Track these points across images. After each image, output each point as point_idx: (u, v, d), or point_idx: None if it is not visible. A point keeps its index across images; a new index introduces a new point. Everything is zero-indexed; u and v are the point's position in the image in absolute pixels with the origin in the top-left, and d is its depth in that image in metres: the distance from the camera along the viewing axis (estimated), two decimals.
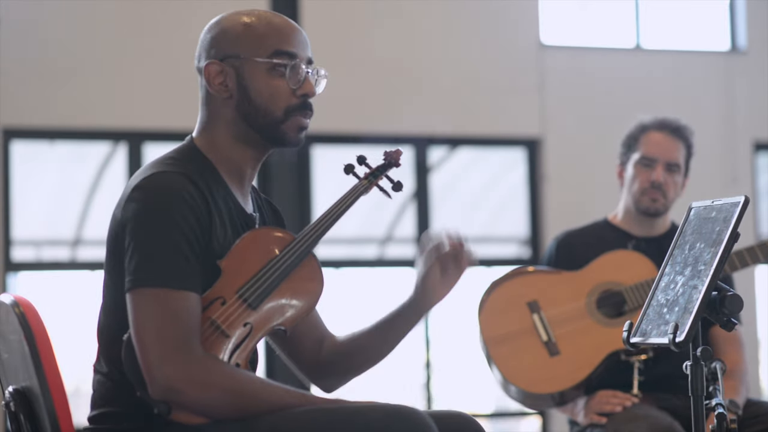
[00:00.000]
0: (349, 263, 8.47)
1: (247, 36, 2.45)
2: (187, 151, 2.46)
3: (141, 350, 2.25)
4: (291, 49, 2.45)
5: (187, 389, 2.24)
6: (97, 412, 2.40)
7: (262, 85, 2.44)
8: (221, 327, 2.31)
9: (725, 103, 8.93)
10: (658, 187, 3.78)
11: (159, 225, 2.30)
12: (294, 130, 2.47)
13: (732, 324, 2.16)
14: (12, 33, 7.59)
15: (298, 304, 2.41)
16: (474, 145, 8.78)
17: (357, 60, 8.18)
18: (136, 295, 2.28)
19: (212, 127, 2.47)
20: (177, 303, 2.26)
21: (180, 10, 7.89)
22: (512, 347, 3.76)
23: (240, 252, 2.38)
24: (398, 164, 2.54)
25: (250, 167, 2.49)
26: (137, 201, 2.32)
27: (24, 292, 6.64)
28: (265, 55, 2.44)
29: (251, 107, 2.44)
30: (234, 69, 2.44)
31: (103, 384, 2.39)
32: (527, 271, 3.98)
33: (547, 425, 8.43)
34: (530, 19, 8.66)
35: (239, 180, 2.48)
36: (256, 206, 2.55)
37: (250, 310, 2.34)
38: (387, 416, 2.25)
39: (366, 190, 2.51)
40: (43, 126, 7.77)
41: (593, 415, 3.66)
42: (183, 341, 2.25)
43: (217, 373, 2.26)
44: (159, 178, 2.34)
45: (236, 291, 2.34)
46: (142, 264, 2.28)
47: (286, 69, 2.43)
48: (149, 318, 2.26)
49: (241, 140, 2.46)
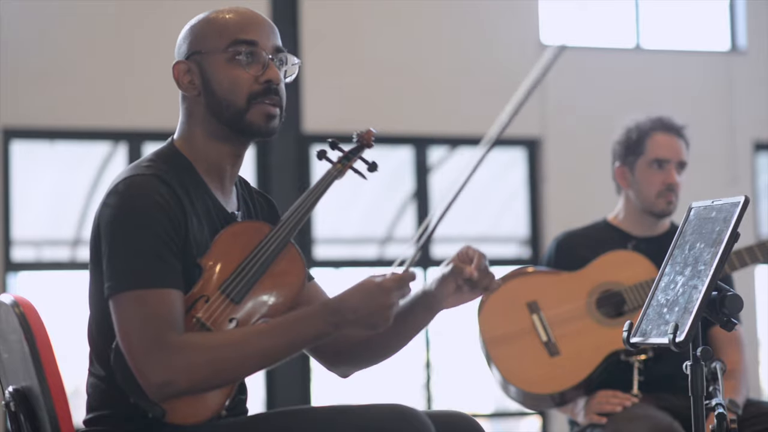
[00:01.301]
0: (349, 263, 8.47)
1: (207, 31, 2.45)
2: (166, 152, 2.45)
3: (128, 355, 2.26)
4: (249, 37, 2.42)
5: (176, 378, 2.23)
6: (92, 415, 2.40)
7: (222, 76, 2.41)
8: (206, 325, 2.31)
9: (725, 103, 8.93)
10: (673, 189, 3.80)
11: (131, 228, 2.30)
12: (260, 118, 2.42)
13: (732, 324, 2.16)
14: (12, 33, 7.59)
15: (281, 295, 2.40)
16: (474, 145, 8.77)
17: (357, 60, 8.17)
18: (116, 301, 2.28)
19: (188, 126, 2.47)
20: (154, 301, 2.26)
21: (180, 10, 7.88)
22: (512, 348, 3.76)
23: (219, 248, 2.37)
24: (370, 145, 2.50)
25: (229, 164, 2.47)
26: (110, 206, 2.33)
27: (24, 292, 6.64)
28: (224, 45, 2.42)
29: (216, 100, 2.42)
30: (197, 65, 2.44)
31: (97, 387, 2.39)
32: (527, 271, 3.98)
33: (547, 425, 8.43)
34: (530, 19, 8.66)
35: (219, 178, 2.46)
36: (243, 202, 2.53)
37: (234, 305, 2.34)
38: (386, 416, 2.25)
39: (340, 174, 2.48)
40: (43, 126, 7.77)
41: (593, 415, 3.66)
42: (159, 335, 2.24)
43: (196, 351, 2.25)
44: (131, 182, 2.34)
45: (218, 287, 2.34)
46: (118, 269, 2.28)
47: (244, 56, 2.41)
48: (130, 321, 2.26)
49: (215, 137, 2.44)
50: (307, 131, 7.94)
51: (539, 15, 8.69)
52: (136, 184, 2.33)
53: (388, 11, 8.34)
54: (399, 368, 8.38)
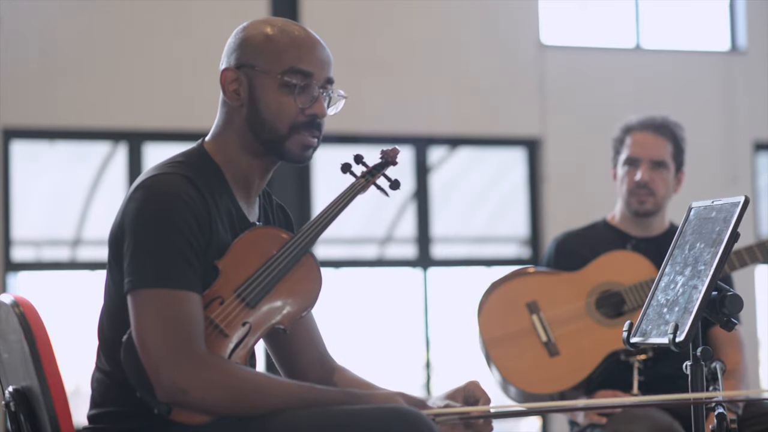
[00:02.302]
0: (349, 263, 8.47)
1: (265, 48, 2.44)
2: (196, 154, 2.46)
3: (144, 352, 2.25)
4: (307, 68, 2.43)
5: (193, 389, 2.24)
6: (96, 411, 2.40)
7: (271, 100, 2.43)
8: (220, 326, 2.32)
9: (725, 103, 8.93)
10: (644, 187, 3.80)
11: (158, 226, 2.30)
12: (297, 148, 2.45)
13: (732, 324, 2.16)
14: (12, 33, 7.59)
15: (296, 303, 2.41)
16: (474, 145, 8.77)
17: (357, 60, 8.17)
18: (137, 296, 2.28)
19: (224, 132, 2.48)
20: (178, 303, 2.26)
21: (180, 10, 7.89)
22: (512, 348, 3.76)
23: (238, 252, 2.38)
24: (395, 162, 2.55)
25: (257, 177, 2.48)
26: (136, 201, 2.33)
27: (24, 292, 6.64)
28: (280, 70, 2.42)
29: (258, 119, 2.43)
30: (248, 78, 2.44)
31: (102, 382, 2.39)
32: (526, 272, 3.98)
33: (547, 425, 8.43)
34: (530, 19, 8.65)
35: (245, 187, 2.48)
36: (264, 213, 2.55)
37: (249, 309, 2.35)
38: (387, 417, 2.25)
39: (363, 189, 2.52)
40: (43, 126, 7.77)
41: (593, 415, 3.66)
42: (186, 342, 2.25)
43: (223, 372, 2.26)
44: (159, 179, 2.35)
45: (234, 290, 2.35)
46: (141, 265, 2.28)
47: (297, 88, 2.42)
48: (151, 319, 2.26)
49: (249, 150, 2.46)
50: None
51: (539, 15, 8.68)
52: (165, 181, 2.34)
53: (388, 11, 8.34)
54: (399, 368, 8.38)
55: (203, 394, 2.24)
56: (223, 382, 2.26)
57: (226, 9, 7.82)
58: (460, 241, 8.71)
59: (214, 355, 2.28)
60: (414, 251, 8.46)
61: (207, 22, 7.80)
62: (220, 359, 2.28)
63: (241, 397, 2.27)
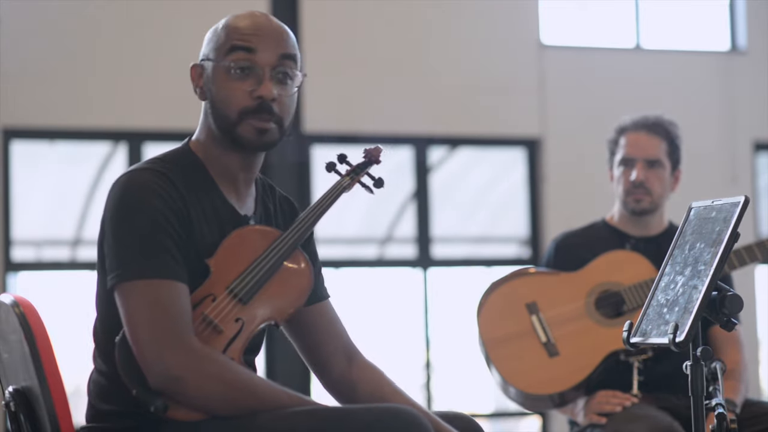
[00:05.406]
0: (349, 263, 8.47)
1: (214, 36, 2.45)
2: (179, 152, 2.46)
3: (135, 343, 2.26)
4: (247, 44, 2.40)
5: (186, 377, 2.24)
6: (94, 411, 2.40)
7: (221, 87, 2.42)
8: (214, 322, 2.32)
9: (725, 103, 8.93)
10: (640, 186, 3.80)
11: (134, 219, 2.31)
12: (249, 133, 2.40)
13: (732, 324, 2.16)
14: (12, 33, 7.59)
15: (287, 299, 2.43)
16: (474, 145, 8.78)
17: (357, 60, 8.17)
18: (122, 291, 2.28)
19: (202, 128, 2.48)
20: (164, 292, 2.27)
21: (180, 10, 7.89)
22: (511, 349, 3.75)
23: (228, 250, 2.39)
24: (378, 161, 2.56)
25: (239, 169, 2.47)
26: (112, 199, 2.35)
27: (24, 292, 6.64)
28: (224, 54, 2.41)
29: (215, 110, 2.43)
30: (205, 72, 2.45)
31: (99, 383, 2.40)
32: (526, 272, 3.98)
33: (547, 425, 8.43)
34: (530, 19, 8.66)
35: (231, 181, 2.47)
36: (262, 205, 2.54)
37: (242, 306, 2.36)
38: (383, 416, 2.25)
39: (348, 187, 2.53)
40: (43, 126, 7.77)
41: (593, 415, 3.66)
42: (177, 330, 2.25)
43: (217, 364, 2.27)
44: (132, 175, 2.36)
45: (226, 287, 2.35)
46: (122, 259, 2.29)
47: (240, 69, 2.39)
48: (139, 311, 2.26)
49: (220, 143, 2.45)
50: (307, 131, 7.94)
51: (539, 15, 8.69)
52: (138, 177, 2.35)
53: (388, 11, 8.34)
54: (399, 368, 8.38)
55: (198, 383, 2.24)
56: (218, 375, 2.26)
57: (227, 9, 7.81)
58: (460, 241, 8.71)
59: (210, 348, 2.28)
60: (414, 251, 8.46)
61: (207, 22, 7.80)
62: (215, 352, 2.29)
63: (232, 394, 2.27)
